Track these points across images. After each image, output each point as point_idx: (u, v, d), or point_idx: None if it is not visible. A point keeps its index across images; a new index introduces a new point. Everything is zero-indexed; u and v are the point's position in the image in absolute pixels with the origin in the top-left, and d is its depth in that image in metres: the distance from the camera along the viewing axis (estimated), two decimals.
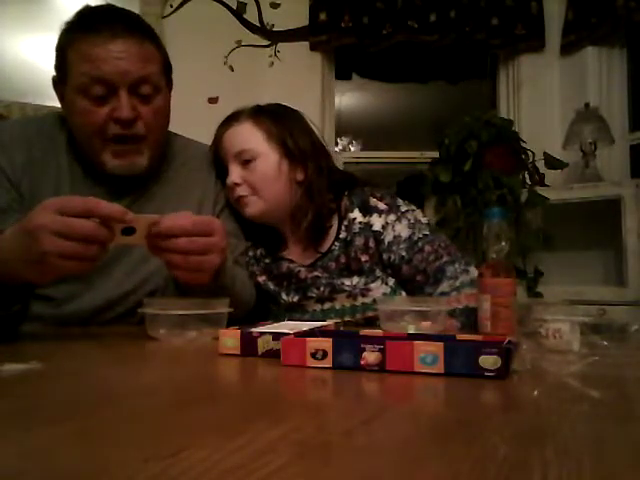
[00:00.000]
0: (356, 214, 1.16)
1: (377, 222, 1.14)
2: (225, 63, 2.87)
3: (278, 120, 1.17)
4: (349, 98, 3.75)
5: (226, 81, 2.85)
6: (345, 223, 1.16)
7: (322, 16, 2.83)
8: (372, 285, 1.14)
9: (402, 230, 1.13)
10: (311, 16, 2.86)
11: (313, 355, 0.60)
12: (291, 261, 1.19)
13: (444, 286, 1.11)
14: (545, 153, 2.55)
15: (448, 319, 0.99)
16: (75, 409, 0.44)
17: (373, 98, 3.42)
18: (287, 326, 0.76)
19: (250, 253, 1.22)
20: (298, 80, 2.90)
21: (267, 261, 1.21)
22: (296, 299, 1.18)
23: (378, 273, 1.14)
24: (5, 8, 2.54)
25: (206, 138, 1.25)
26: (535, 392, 0.50)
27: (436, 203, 2.55)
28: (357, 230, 1.15)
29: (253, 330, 0.69)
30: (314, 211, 1.15)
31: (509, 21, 2.77)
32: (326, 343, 0.59)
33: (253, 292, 1.14)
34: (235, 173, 1.14)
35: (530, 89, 2.88)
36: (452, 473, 0.30)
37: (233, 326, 0.75)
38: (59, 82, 1.01)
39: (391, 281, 1.15)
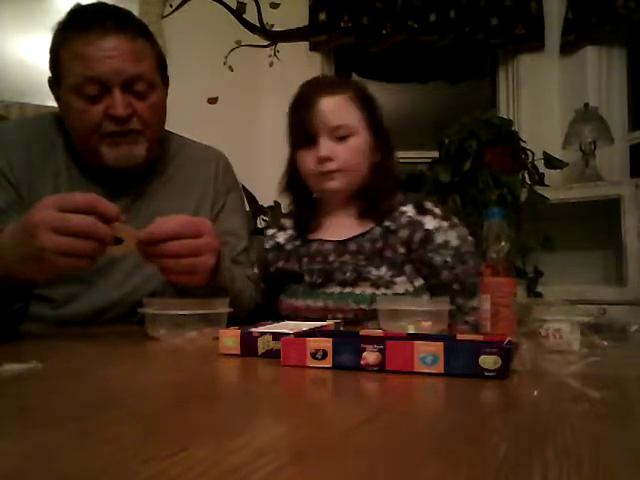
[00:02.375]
0: (408, 209, 1.18)
1: (430, 222, 1.15)
2: (225, 63, 2.87)
3: (371, 100, 1.20)
4: None
5: (226, 81, 2.85)
6: (394, 214, 1.19)
7: (322, 16, 2.83)
8: (397, 279, 1.14)
9: (452, 238, 1.14)
10: (311, 16, 2.86)
11: (313, 355, 0.60)
12: (321, 242, 1.20)
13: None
14: (545, 153, 2.55)
15: (461, 323, 1.00)
16: (75, 409, 0.44)
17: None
18: (287, 326, 0.76)
19: (275, 240, 1.24)
20: (298, 80, 2.87)
21: (297, 243, 1.23)
22: (319, 281, 1.17)
23: (408, 270, 1.15)
24: (5, 8, 2.54)
25: (206, 138, 1.25)
26: (535, 392, 0.50)
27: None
28: (404, 223, 1.17)
29: (253, 330, 0.69)
30: (380, 192, 1.18)
31: (509, 21, 2.77)
32: (326, 343, 0.59)
33: (253, 293, 1.14)
34: (327, 146, 1.14)
35: (530, 89, 2.88)
36: (452, 473, 0.30)
37: (233, 326, 0.75)
38: (54, 82, 1.01)
39: (418, 282, 1.15)
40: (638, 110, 2.71)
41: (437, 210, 1.17)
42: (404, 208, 1.18)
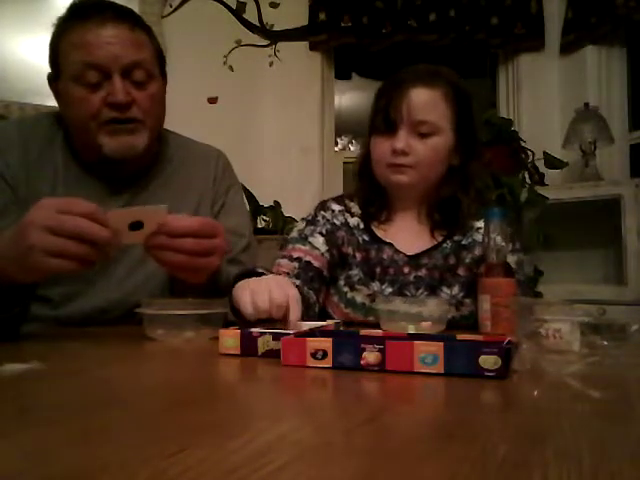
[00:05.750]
0: (482, 224, 1.10)
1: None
2: (225, 63, 2.87)
3: (468, 99, 1.13)
4: (349, 98, 3.74)
5: (226, 81, 2.85)
6: (466, 228, 1.13)
7: (322, 16, 2.83)
8: (467, 300, 1.09)
9: (510, 261, 1.06)
10: (311, 16, 2.86)
11: (313, 355, 0.60)
12: (396, 251, 1.13)
13: None
14: (545, 152, 2.55)
15: None
16: (75, 409, 0.44)
17: (373, 98, 3.42)
18: None
19: (345, 219, 1.16)
20: (298, 80, 2.90)
21: (366, 238, 1.14)
22: (388, 292, 1.11)
23: (474, 291, 1.09)
24: (5, 8, 2.54)
25: (206, 138, 1.25)
26: (535, 392, 0.50)
27: None
28: (480, 240, 1.11)
29: (253, 330, 0.69)
30: (463, 204, 1.11)
31: (509, 20, 2.77)
32: (326, 343, 0.59)
33: None
34: (405, 139, 1.06)
35: (530, 88, 2.88)
36: (452, 473, 0.30)
37: (232, 326, 0.75)
38: (54, 77, 1.01)
39: None
40: (638, 110, 2.71)
41: (505, 230, 1.10)
42: (478, 224, 1.12)
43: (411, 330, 0.87)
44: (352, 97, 3.75)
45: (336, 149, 3.27)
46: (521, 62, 2.91)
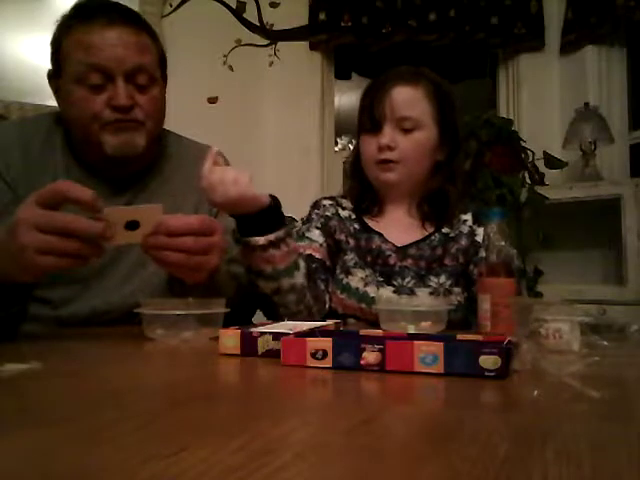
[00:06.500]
0: (468, 217, 1.19)
1: (481, 234, 1.13)
2: (225, 63, 2.87)
3: (448, 97, 1.18)
4: (349, 97, 3.74)
5: (226, 81, 2.85)
6: (453, 221, 1.18)
7: (322, 15, 2.82)
8: (455, 289, 1.13)
9: None
10: (311, 15, 2.85)
11: (313, 355, 0.60)
12: (385, 240, 1.17)
13: None
14: (545, 152, 2.55)
15: None
16: (75, 409, 0.44)
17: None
18: (287, 326, 0.76)
19: (337, 210, 1.22)
20: (298, 79, 2.90)
21: (357, 226, 1.20)
22: (379, 280, 1.15)
23: (462, 281, 1.14)
24: (4, 8, 2.54)
25: (206, 138, 1.25)
26: (535, 392, 0.50)
27: None
28: (466, 232, 1.17)
29: (253, 330, 0.69)
30: (451, 197, 1.16)
31: (509, 20, 2.77)
32: (326, 343, 0.59)
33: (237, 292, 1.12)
34: (390, 135, 1.12)
35: (530, 88, 2.88)
36: (452, 473, 0.30)
37: (231, 326, 0.75)
38: (54, 75, 1.01)
39: (469, 294, 1.13)
40: (638, 110, 2.71)
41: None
42: (465, 217, 1.19)
43: (411, 330, 0.87)
44: (352, 97, 3.75)
45: (336, 149, 3.27)
46: (521, 62, 2.91)
